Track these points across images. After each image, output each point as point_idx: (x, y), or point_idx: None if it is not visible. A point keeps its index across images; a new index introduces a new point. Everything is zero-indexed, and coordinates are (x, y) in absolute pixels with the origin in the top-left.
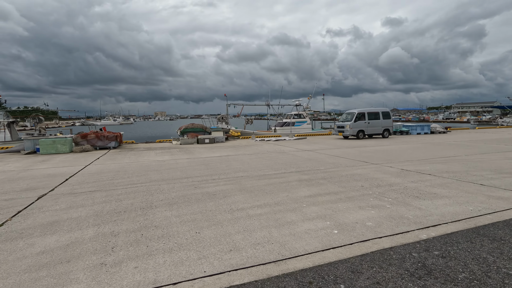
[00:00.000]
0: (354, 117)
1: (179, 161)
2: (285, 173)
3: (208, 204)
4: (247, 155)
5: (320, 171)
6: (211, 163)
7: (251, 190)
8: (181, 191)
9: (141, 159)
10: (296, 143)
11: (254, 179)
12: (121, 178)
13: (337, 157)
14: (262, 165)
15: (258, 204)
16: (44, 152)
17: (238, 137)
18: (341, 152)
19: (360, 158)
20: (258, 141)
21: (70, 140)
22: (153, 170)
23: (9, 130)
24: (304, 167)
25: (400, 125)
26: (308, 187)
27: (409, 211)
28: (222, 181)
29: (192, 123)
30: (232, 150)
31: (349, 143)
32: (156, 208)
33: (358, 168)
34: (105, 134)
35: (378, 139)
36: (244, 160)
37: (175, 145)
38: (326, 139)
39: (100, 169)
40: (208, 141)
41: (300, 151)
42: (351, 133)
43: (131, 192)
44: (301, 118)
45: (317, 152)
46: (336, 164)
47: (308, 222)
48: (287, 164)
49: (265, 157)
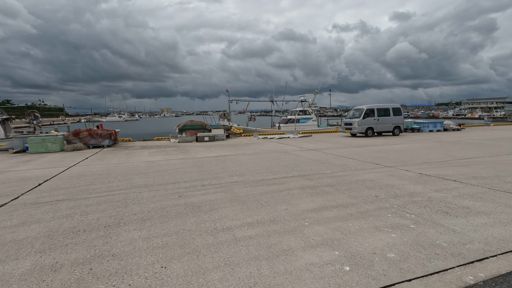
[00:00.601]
0: (363, 114)
1: (171, 162)
2: (286, 177)
3: (188, 220)
4: (247, 155)
5: (326, 175)
6: (206, 164)
7: (243, 201)
8: (162, 201)
9: (132, 159)
10: (300, 141)
11: (249, 186)
12: (101, 183)
13: (345, 158)
14: (261, 168)
15: (249, 221)
16: (33, 151)
17: (240, 135)
18: (349, 152)
19: (370, 160)
20: (260, 139)
21: (61, 138)
22: (140, 173)
23: (3, 127)
24: (308, 170)
25: (411, 122)
26: (311, 196)
27: (441, 235)
28: (212, 187)
29: (191, 120)
30: (231, 149)
31: (358, 142)
32: (124, 225)
33: (369, 171)
34: (98, 132)
35: (389, 137)
36: (242, 161)
37: (173, 143)
38: (332, 137)
39: (83, 172)
40: (207, 139)
41: (304, 151)
42: (360, 131)
43: (104, 202)
44: (306, 114)
45: (323, 152)
46: (344, 166)
47: (311, 251)
48: (289, 167)
49: (265, 157)
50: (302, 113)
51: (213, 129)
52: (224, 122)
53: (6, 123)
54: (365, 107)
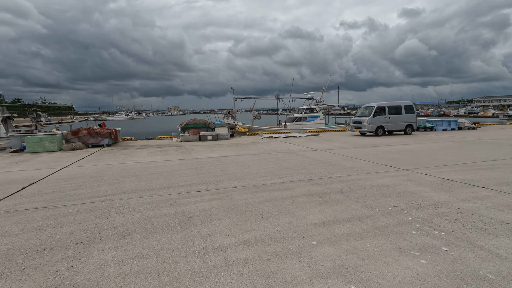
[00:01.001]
0: (373, 112)
1: (169, 163)
2: (291, 182)
3: (175, 236)
4: (250, 156)
5: (336, 179)
6: (205, 166)
7: (242, 211)
8: (149, 210)
9: (129, 159)
10: (307, 140)
11: (250, 192)
12: (88, 187)
13: (356, 160)
14: (265, 170)
15: (246, 238)
16: (30, 150)
17: (245, 134)
18: (359, 153)
19: (384, 161)
20: (265, 138)
21: (59, 137)
22: (133, 175)
23: (4, 126)
24: (316, 173)
25: (424, 120)
26: (320, 206)
27: (483, 262)
28: (208, 193)
29: (194, 119)
30: (234, 149)
31: (368, 141)
32: (99, 242)
33: (384, 175)
34: (98, 131)
35: (400, 136)
36: (245, 162)
37: (175, 142)
38: (341, 136)
39: (74, 174)
40: (210, 138)
41: (311, 151)
42: (369, 130)
43: (85, 210)
44: (313, 112)
45: (332, 152)
46: (355, 169)
47: (320, 284)
48: (295, 169)
49: (269, 158)
50: (309, 111)
51: (216, 128)
52: (229, 121)
53: (8, 121)
54: (375, 104)
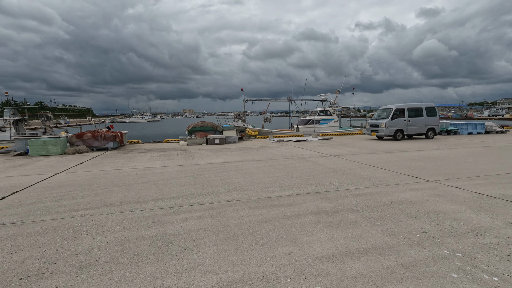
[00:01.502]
0: (391, 114)
1: (168, 169)
2: (297, 195)
3: (143, 271)
4: (256, 162)
5: (350, 192)
6: (205, 173)
7: (233, 235)
8: (126, 230)
9: (127, 165)
10: (320, 145)
11: (248, 207)
12: (72, 198)
13: (373, 168)
14: (269, 180)
15: (231, 277)
16: (33, 154)
17: (255, 137)
18: (377, 159)
19: (405, 170)
20: (275, 141)
21: (63, 140)
22: (125, 184)
23: (16, 128)
24: (326, 185)
25: (447, 123)
26: (329, 229)
27: None
28: (200, 209)
29: (202, 121)
30: (240, 154)
31: (386, 146)
32: (48, 278)
33: (406, 188)
34: (102, 134)
35: (422, 141)
36: (249, 169)
37: (181, 145)
38: (356, 140)
39: (64, 181)
40: (218, 141)
41: (323, 157)
42: (387, 133)
43: (53, 229)
44: (327, 115)
45: (346, 158)
46: (372, 179)
47: None
48: (303, 179)
49: (276, 165)
50: (322, 113)
51: (224, 131)
52: (239, 123)
53: (20, 124)
54: (394, 106)
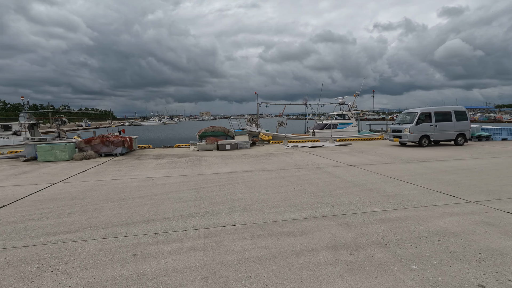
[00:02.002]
0: (416, 118)
1: (171, 180)
2: (311, 218)
3: None
4: (266, 173)
5: (375, 216)
6: (209, 186)
7: (226, 280)
8: (99, 267)
9: (130, 174)
10: (337, 152)
11: (250, 235)
12: (57, 216)
13: (399, 182)
14: (279, 196)
15: None
16: (42, 159)
17: (268, 142)
18: (402, 171)
19: (438, 185)
20: (289, 147)
21: (71, 145)
22: (120, 198)
23: (31, 132)
24: (346, 204)
25: (477, 128)
26: (350, 274)
27: None
28: (193, 237)
29: (213, 126)
30: (251, 162)
31: (411, 154)
32: None
33: (444, 212)
34: (111, 139)
35: (451, 148)
36: (258, 182)
37: (191, 151)
38: (376, 146)
39: (58, 193)
40: (229, 147)
41: (341, 167)
42: (412, 139)
43: (15, 262)
44: (345, 119)
45: (366, 169)
46: (400, 198)
47: None
48: (318, 195)
49: (289, 177)
50: (340, 117)
51: (236, 136)
52: (252, 128)
53: (35, 128)
54: (419, 110)
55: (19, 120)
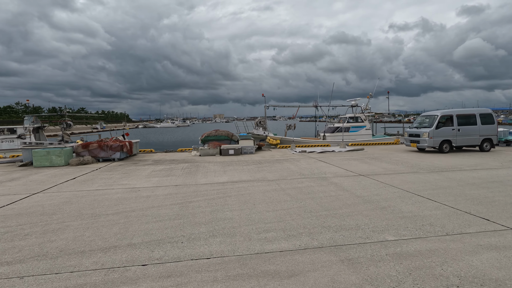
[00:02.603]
0: (436, 122)
1: (158, 191)
2: (306, 249)
3: None
4: (265, 184)
5: (388, 249)
6: (197, 200)
7: None
8: None
9: (119, 183)
10: (348, 158)
11: (225, 275)
12: (9, 239)
13: (418, 198)
14: (273, 215)
15: None
16: (37, 165)
17: (276, 146)
18: (421, 183)
19: (465, 203)
20: (296, 153)
21: (67, 150)
22: (92, 215)
23: (36, 136)
24: (352, 229)
25: (505, 132)
26: None
27: None
28: (154, 274)
29: (216, 130)
30: (251, 170)
31: (431, 161)
32: None
33: (477, 243)
34: (109, 144)
35: (476, 154)
36: (253, 195)
37: (193, 156)
38: (392, 151)
39: (30, 206)
40: (232, 152)
41: (350, 177)
42: (431, 145)
43: None
44: (358, 122)
45: (379, 180)
46: (419, 221)
47: None
48: (320, 215)
49: (290, 189)
50: (352, 120)
51: (241, 140)
52: (259, 131)
53: (40, 131)
54: (439, 113)
55: (24, 124)
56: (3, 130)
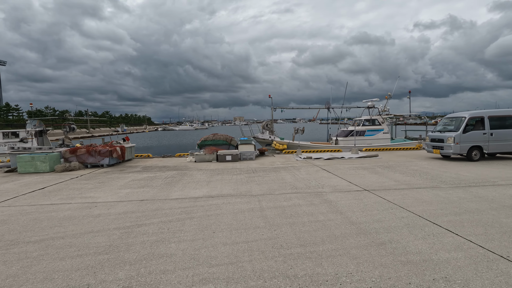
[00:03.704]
0: (464, 125)
1: (114, 209)
2: None
3: None
4: (245, 199)
5: None
6: (149, 223)
7: None
8: None
9: (84, 195)
10: (356, 166)
11: None
12: None
13: (433, 227)
14: (229, 251)
15: None
16: (22, 171)
17: (281, 151)
18: (440, 203)
19: (503, 240)
20: (301, 159)
21: (53, 156)
22: (9, 243)
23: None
24: (328, 282)
25: None
26: None
27: None
28: None
29: (214, 134)
30: (239, 181)
31: (455, 172)
32: None
33: None
34: (97, 149)
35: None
36: (220, 217)
37: (188, 162)
38: (411, 158)
39: None
40: (230, 158)
41: (352, 193)
42: (457, 151)
43: None
44: (375, 124)
45: (387, 197)
46: (431, 268)
47: None
48: (291, 253)
49: (271, 208)
50: (368, 123)
51: (240, 145)
52: (264, 135)
53: (44, 135)
54: (467, 114)
55: (26, 127)
56: (8, 134)
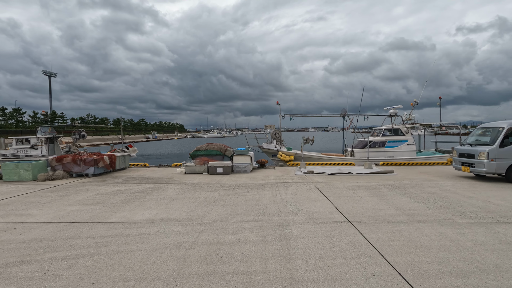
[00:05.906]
0: (501, 137)
1: (25, 236)
2: None
3: None
4: (188, 229)
5: None
6: (26, 264)
7: None
8: None
9: (23, 213)
10: (358, 186)
11: None
12: None
13: None
14: None
15: None
16: (6, 179)
17: (285, 163)
18: (443, 250)
19: None
20: (301, 173)
21: (37, 164)
22: None
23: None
24: None
25: None
26: None
27: None
28: None
29: (208, 143)
30: (207, 200)
31: (484, 198)
32: None
33: None
34: (82, 158)
35: None
36: (122, 266)
37: (178, 173)
38: (433, 175)
39: None
40: (221, 170)
41: (328, 223)
42: (492, 170)
43: None
44: (398, 135)
45: (368, 236)
46: None
47: None
48: None
49: (212, 244)
50: (390, 132)
51: (235, 156)
52: (269, 145)
53: (55, 142)
54: (506, 124)
55: (37, 134)
56: (22, 140)
